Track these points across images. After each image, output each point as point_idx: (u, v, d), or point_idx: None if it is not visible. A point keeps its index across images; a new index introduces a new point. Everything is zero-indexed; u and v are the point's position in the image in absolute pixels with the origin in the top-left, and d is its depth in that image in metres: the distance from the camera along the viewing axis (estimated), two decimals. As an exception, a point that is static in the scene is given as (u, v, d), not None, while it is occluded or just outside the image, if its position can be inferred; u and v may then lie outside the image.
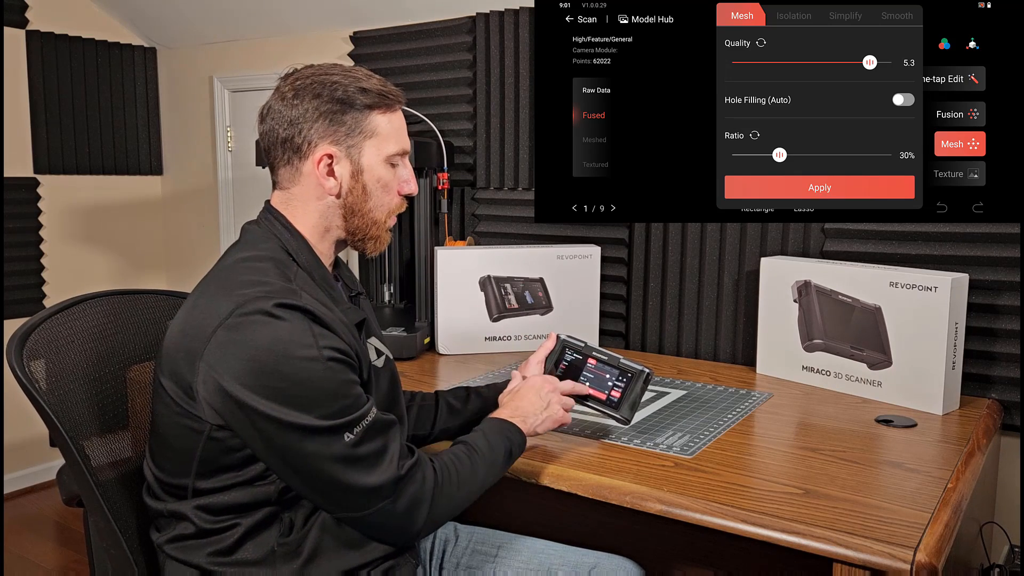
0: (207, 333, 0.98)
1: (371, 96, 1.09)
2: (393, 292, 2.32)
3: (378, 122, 1.10)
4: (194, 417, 0.99)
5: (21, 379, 1.05)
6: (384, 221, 1.15)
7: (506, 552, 1.29)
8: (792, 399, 1.62)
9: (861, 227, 1.76)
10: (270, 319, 0.96)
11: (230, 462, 1.01)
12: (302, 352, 0.96)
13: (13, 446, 2.84)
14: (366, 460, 1.00)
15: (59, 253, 2.96)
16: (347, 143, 1.09)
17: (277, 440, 0.97)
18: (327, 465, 0.98)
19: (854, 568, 0.99)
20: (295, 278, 1.05)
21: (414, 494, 1.03)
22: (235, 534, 1.03)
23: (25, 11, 2.78)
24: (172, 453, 1.04)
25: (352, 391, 1.00)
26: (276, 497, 1.03)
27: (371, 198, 1.12)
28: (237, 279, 1.03)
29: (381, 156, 1.11)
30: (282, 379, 0.95)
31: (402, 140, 1.14)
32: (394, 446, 1.03)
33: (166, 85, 3.19)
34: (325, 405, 0.97)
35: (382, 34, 2.46)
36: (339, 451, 0.98)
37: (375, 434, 1.01)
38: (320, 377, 0.97)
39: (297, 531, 1.04)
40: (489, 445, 1.15)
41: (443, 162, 2.11)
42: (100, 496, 1.07)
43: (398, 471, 1.02)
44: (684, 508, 1.13)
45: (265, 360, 0.95)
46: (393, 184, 1.14)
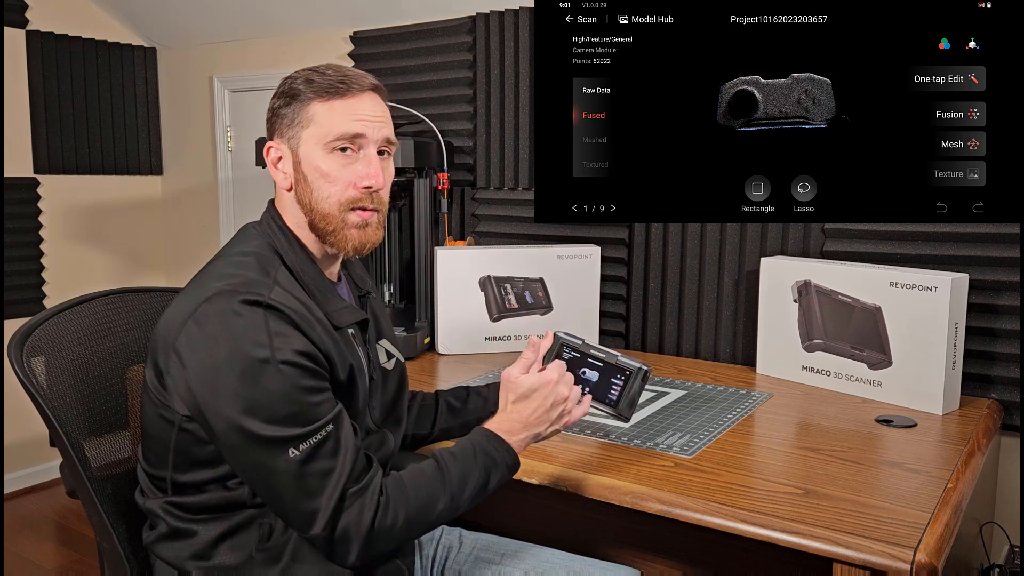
0: (177, 325, 0.98)
1: (315, 86, 1.06)
2: (393, 292, 2.32)
3: (315, 110, 1.06)
4: (167, 407, 1.00)
5: (21, 377, 1.05)
6: (337, 214, 1.07)
7: (510, 560, 1.28)
8: (792, 399, 1.62)
9: (861, 227, 1.76)
10: (230, 314, 0.95)
11: (203, 455, 1.00)
12: (254, 352, 0.93)
13: (13, 446, 2.84)
14: (308, 482, 0.94)
15: (59, 253, 2.96)
16: (288, 134, 1.08)
17: (225, 440, 0.95)
18: (270, 478, 0.94)
19: (854, 568, 0.99)
20: (275, 273, 1.04)
21: (347, 528, 0.95)
22: (210, 535, 1.02)
23: (25, 11, 2.78)
24: (153, 444, 1.05)
25: (304, 398, 0.95)
26: (251, 500, 1.02)
27: (315, 189, 1.07)
28: (212, 272, 1.04)
29: (319, 144, 1.06)
30: (233, 377, 0.93)
31: (345, 125, 1.05)
32: (344, 468, 0.96)
33: (166, 85, 3.19)
34: (269, 410, 0.93)
35: (382, 34, 2.46)
36: (281, 466, 0.93)
37: (325, 456, 0.95)
38: (269, 380, 0.93)
39: (277, 536, 1.02)
40: (462, 471, 1.03)
41: (443, 162, 2.11)
42: (94, 493, 1.08)
43: (341, 496, 0.94)
44: (684, 508, 1.12)
45: (219, 356, 0.94)
46: (339, 174, 1.06)
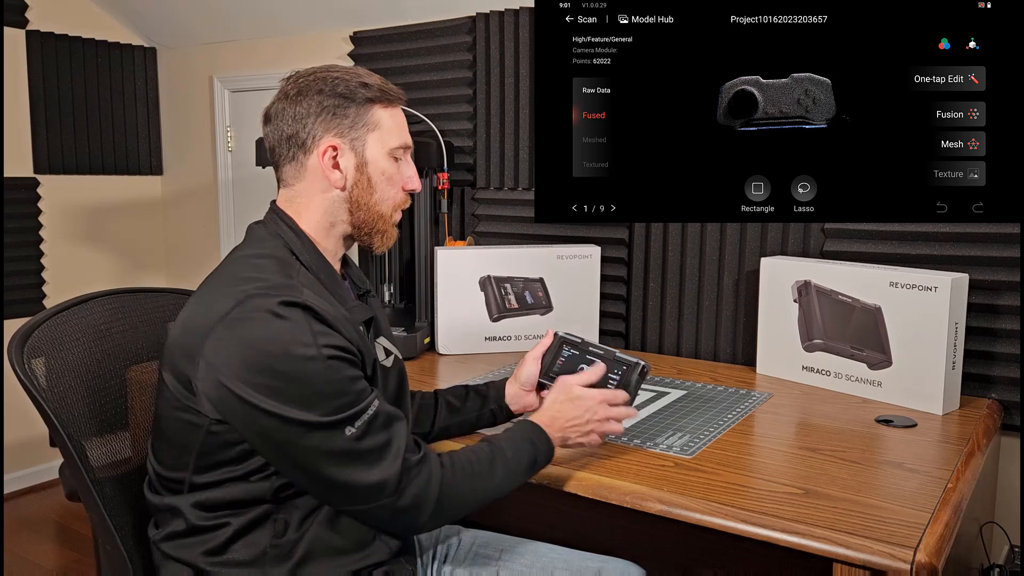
0: (206, 329, 0.98)
1: (372, 91, 1.11)
2: (393, 292, 2.32)
3: (380, 115, 1.12)
4: (193, 411, 1.00)
5: (21, 377, 1.05)
6: (390, 215, 1.16)
7: (509, 555, 1.29)
8: (792, 399, 1.62)
9: (861, 227, 1.76)
10: (271, 316, 0.97)
11: (228, 456, 1.01)
12: (301, 351, 0.96)
13: (13, 446, 2.85)
14: (369, 455, 0.99)
15: (59, 253, 2.96)
16: (351, 136, 1.10)
17: (278, 435, 0.97)
18: (329, 460, 0.98)
19: (854, 568, 0.99)
20: (297, 276, 1.06)
21: (419, 492, 1.02)
22: (226, 532, 1.03)
23: (25, 11, 2.78)
24: (171, 447, 1.04)
25: (353, 387, 1.00)
26: (271, 495, 1.03)
27: (376, 191, 1.13)
28: (238, 276, 1.04)
29: (384, 149, 1.13)
30: (280, 377, 0.96)
31: (404, 135, 1.16)
32: (399, 440, 1.02)
33: (166, 85, 3.19)
34: (325, 403, 0.97)
35: (382, 34, 2.46)
36: (341, 445, 0.98)
37: (379, 428, 1.01)
38: (320, 376, 0.97)
39: (291, 533, 1.04)
40: (515, 449, 1.13)
41: (443, 162, 2.11)
42: (96, 494, 1.08)
43: (403, 467, 1.01)
44: (684, 508, 1.12)
45: (264, 358, 0.96)
46: (397, 178, 1.15)
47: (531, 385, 1.35)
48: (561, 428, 1.19)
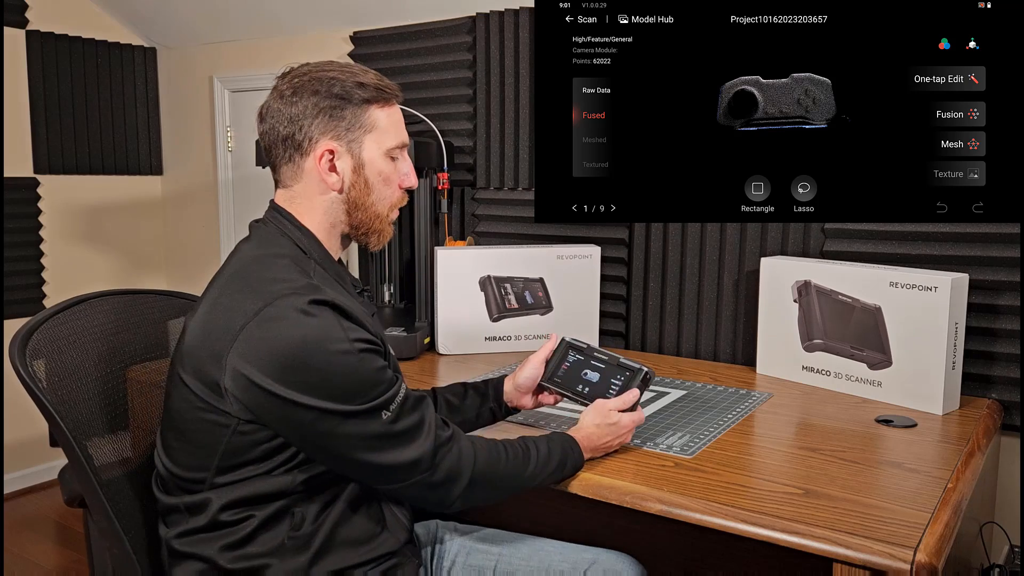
0: (234, 330, 0.99)
1: (368, 91, 1.11)
2: (393, 292, 2.32)
3: (377, 116, 1.12)
4: (220, 412, 1.00)
5: (24, 378, 1.05)
6: (387, 215, 1.17)
7: (506, 550, 1.30)
8: (792, 399, 1.62)
9: (861, 227, 1.76)
10: (302, 315, 0.98)
11: (253, 456, 1.02)
12: (336, 347, 0.99)
13: (13, 446, 2.85)
14: (404, 435, 1.03)
15: (59, 253, 2.96)
16: (347, 138, 1.10)
17: (318, 428, 0.99)
18: (369, 445, 1.01)
19: (854, 568, 0.99)
20: (314, 274, 1.07)
21: (451, 466, 1.07)
22: (249, 526, 1.04)
23: (25, 11, 2.78)
24: (193, 448, 1.04)
25: (384, 376, 1.03)
26: (292, 488, 1.04)
27: (373, 192, 1.14)
28: (260, 276, 1.05)
29: (381, 150, 1.13)
30: (317, 373, 0.98)
31: (401, 134, 1.16)
32: (429, 418, 1.07)
33: (166, 85, 3.19)
34: (363, 393, 1.00)
35: (382, 34, 2.46)
36: (379, 430, 1.01)
37: (410, 410, 1.05)
38: (355, 369, 1.00)
39: (308, 525, 1.05)
40: (548, 450, 1.18)
41: (443, 162, 2.11)
42: (103, 495, 1.07)
43: (436, 442, 1.05)
44: (684, 508, 1.13)
45: (298, 357, 0.97)
46: (394, 177, 1.16)
47: (528, 388, 1.35)
48: (593, 448, 1.25)
